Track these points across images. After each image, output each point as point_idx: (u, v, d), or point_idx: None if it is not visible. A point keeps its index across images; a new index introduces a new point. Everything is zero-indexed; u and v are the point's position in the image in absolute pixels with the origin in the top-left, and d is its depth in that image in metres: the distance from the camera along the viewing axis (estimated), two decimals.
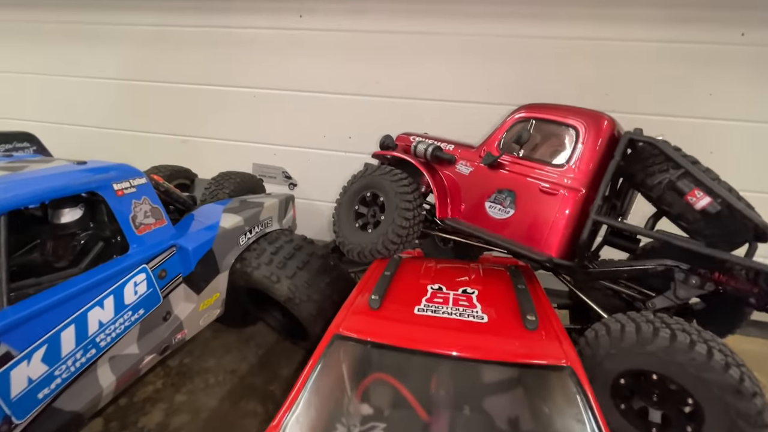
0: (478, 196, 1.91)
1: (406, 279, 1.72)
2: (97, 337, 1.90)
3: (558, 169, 1.70)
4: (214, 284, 2.55)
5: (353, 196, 2.28)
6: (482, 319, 1.39)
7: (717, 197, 1.43)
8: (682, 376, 1.24)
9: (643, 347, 1.27)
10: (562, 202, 1.65)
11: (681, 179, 1.51)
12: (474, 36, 3.54)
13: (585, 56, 3.38)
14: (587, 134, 1.68)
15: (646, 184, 1.67)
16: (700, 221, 1.50)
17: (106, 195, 2.04)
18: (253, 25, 3.92)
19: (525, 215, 1.75)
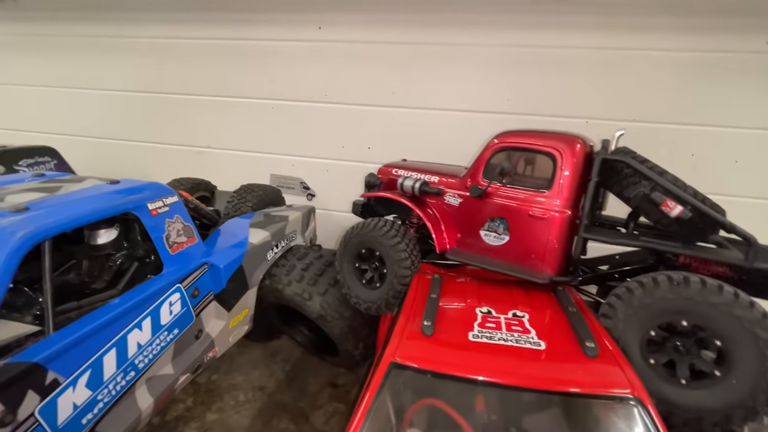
0: (472, 226, 1.99)
1: (452, 301, 1.70)
2: (136, 359, 1.90)
3: (542, 193, 1.82)
4: (244, 300, 2.54)
5: (351, 257, 2.29)
6: (539, 346, 1.37)
7: (687, 204, 1.59)
8: (713, 316, 1.34)
9: (678, 293, 1.38)
10: (551, 225, 1.77)
11: (653, 192, 1.65)
12: (493, 46, 3.53)
13: (609, 66, 3.36)
14: (564, 159, 1.78)
15: (623, 195, 1.82)
16: (675, 225, 1.68)
17: (141, 215, 2.04)
18: (272, 37, 3.93)
19: (519, 240, 1.85)
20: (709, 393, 1.33)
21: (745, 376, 1.29)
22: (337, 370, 2.87)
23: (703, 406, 1.33)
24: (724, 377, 1.33)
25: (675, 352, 1.43)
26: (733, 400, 1.29)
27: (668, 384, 1.40)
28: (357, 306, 2.26)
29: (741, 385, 1.29)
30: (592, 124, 3.51)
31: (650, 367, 1.45)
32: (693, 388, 1.38)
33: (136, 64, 4.45)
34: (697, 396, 1.35)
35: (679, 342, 1.43)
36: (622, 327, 1.49)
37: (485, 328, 1.49)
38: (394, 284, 2.02)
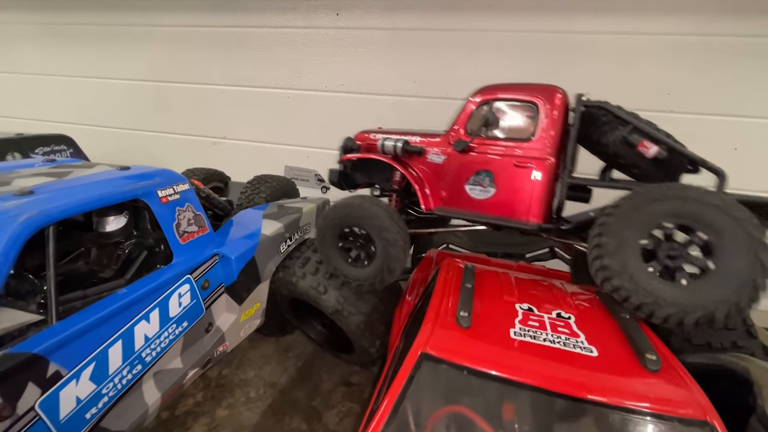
0: (457, 181, 1.97)
1: (488, 294, 1.53)
2: (143, 352, 1.81)
3: (526, 143, 1.83)
4: (256, 294, 2.44)
5: (332, 237, 2.18)
6: (591, 352, 1.21)
7: (662, 144, 1.67)
8: (711, 215, 1.38)
9: (684, 191, 1.45)
10: (536, 173, 1.79)
11: (631, 134, 1.72)
12: (517, 32, 3.34)
13: (643, 53, 3.13)
14: (545, 107, 1.83)
15: (601, 142, 1.86)
16: (651, 167, 1.75)
17: (151, 202, 1.95)
18: (288, 25, 3.82)
19: (506, 191, 1.85)
20: (695, 290, 1.38)
21: (730, 273, 1.33)
22: (350, 368, 2.75)
23: (689, 302, 1.36)
24: (712, 275, 1.37)
25: (668, 258, 1.46)
26: (718, 296, 1.32)
27: (673, 288, 1.42)
28: (346, 283, 2.13)
29: (727, 282, 1.33)
30: None
31: (645, 270, 1.46)
32: (693, 287, 1.41)
33: (153, 53, 4.41)
34: (686, 292, 1.39)
35: (670, 247, 1.47)
36: (626, 223, 1.51)
37: (528, 326, 1.32)
38: (389, 263, 1.89)
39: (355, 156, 2.42)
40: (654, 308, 1.38)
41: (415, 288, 2.38)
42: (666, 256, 1.46)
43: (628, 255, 1.45)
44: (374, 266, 2.04)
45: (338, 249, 2.16)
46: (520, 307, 1.44)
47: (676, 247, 1.46)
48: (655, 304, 1.38)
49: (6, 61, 5.05)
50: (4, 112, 5.27)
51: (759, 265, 1.29)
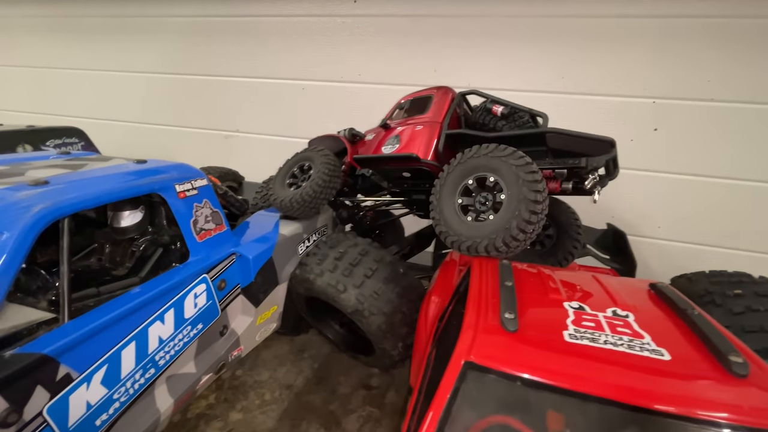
0: (377, 145, 2.61)
1: (531, 293, 1.39)
2: (157, 354, 1.72)
3: (423, 116, 2.48)
4: (273, 296, 2.34)
5: (292, 165, 2.71)
6: (662, 356, 1.06)
7: (506, 105, 2.35)
8: (493, 165, 1.89)
9: (475, 152, 2.00)
10: (426, 129, 2.38)
11: (488, 103, 2.41)
12: (543, 17, 3.17)
13: (680, 37, 2.94)
14: (437, 96, 2.51)
15: (478, 120, 2.47)
16: (506, 125, 2.37)
17: (168, 197, 1.85)
18: (304, 13, 3.70)
19: (405, 142, 2.43)
20: (485, 226, 1.82)
21: (508, 209, 1.75)
22: (369, 370, 2.65)
23: (479, 234, 1.80)
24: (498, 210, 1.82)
25: (479, 203, 1.93)
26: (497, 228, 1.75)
27: (462, 223, 1.91)
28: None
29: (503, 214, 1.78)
30: (660, 104, 3.11)
31: (455, 215, 1.95)
32: (472, 225, 1.88)
33: (164, 44, 4.33)
34: (478, 228, 1.83)
35: (483, 195, 1.93)
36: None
37: (583, 327, 1.17)
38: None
39: (317, 137, 3.04)
40: (446, 235, 1.93)
41: (441, 288, 2.25)
42: (478, 201, 1.93)
43: (444, 194, 1.99)
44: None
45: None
46: (570, 306, 1.30)
47: (486, 196, 1.91)
48: (447, 232, 1.93)
49: (18, 54, 5.03)
50: (16, 106, 5.25)
51: (522, 198, 1.69)
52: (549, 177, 2.15)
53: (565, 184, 2.14)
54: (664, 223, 3.35)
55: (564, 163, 2.07)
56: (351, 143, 2.79)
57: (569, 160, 2.04)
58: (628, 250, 2.68)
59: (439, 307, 2.16)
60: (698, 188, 3.17)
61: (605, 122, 3.21)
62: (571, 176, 2.13)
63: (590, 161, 1.97)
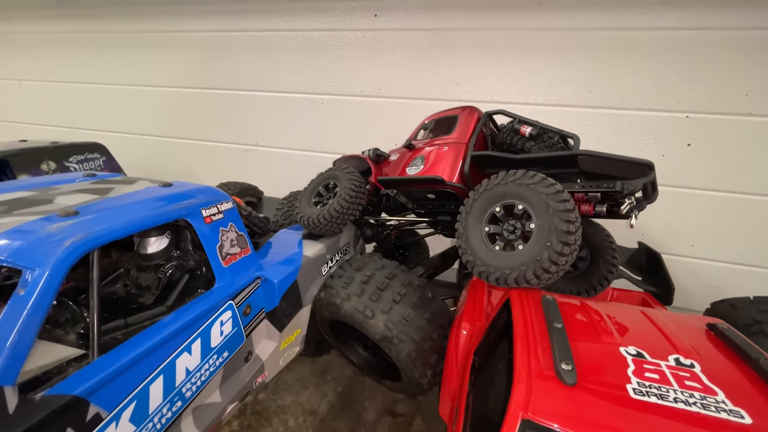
0: (401, 165, 2.55)
1: (582, 335, 1.30)
2: (184, 387, 1.67)
3: (448, 136, 2.42)
4: (297, 320, 2.28)
5: (318, 183, 2.70)
6: (742, 418, 0.97)
7: (534, 126, 2.26)
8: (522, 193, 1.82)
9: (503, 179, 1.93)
10: (452, 150, 2.32)
11: (516, 124, 2.31)
12: (572, 30, 3.09)
13: (717, 49, 2.83)
14: (463, 115, 2.46)
15: (505, 142, 2.38)
16: (534, 146, 2.27)
17: (194, 222, 1.81)
18: (324, 27, 3.68)
19: (430, 164, 2.37)
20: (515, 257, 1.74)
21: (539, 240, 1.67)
22: (394, 395, 2.57)
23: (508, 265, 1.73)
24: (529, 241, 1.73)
25: (507, 232, 1.84)
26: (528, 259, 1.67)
27: (490, 252, 1.84)
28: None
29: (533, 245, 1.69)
30: (694, 119, 3.00)
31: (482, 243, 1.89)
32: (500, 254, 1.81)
33: (184, 59, 4.35)
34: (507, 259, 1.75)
35: (511, 223, 1.85)
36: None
37: (646, 379, 1.08)
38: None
39: (343, 157, 2.98)
40: (472, 264, 1.87)
41: (471, 313, 2.17)
42: (506, 230, 1.84)
43: (470, 221, 1.93)
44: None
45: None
46: (627, 353, 1.21)
47: (514, 225, 1.82)
48: (473, 262, 1.86)
49: (41, 69, 5.11)
50: (38, 120, 5.33)
51: (554, 229, 1.61)
52: (581, 200, 2.05)
53: (598, 207, 2.03)
54: (697, 241, 3.21)
55: (597, 186, 1.96)
56: (375, 163, 2.76)
57: (603, 184, 1.94)
58: (665, 273, 2.57)
59: (471, 335, 2.08)
60: (735, 205, 3.03)
61: (635, 137, 3.11)
62: (605, 199, 2.02)
63: (626, 185, 1.85)
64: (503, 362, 1.37)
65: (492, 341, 1.61)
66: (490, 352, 1.57)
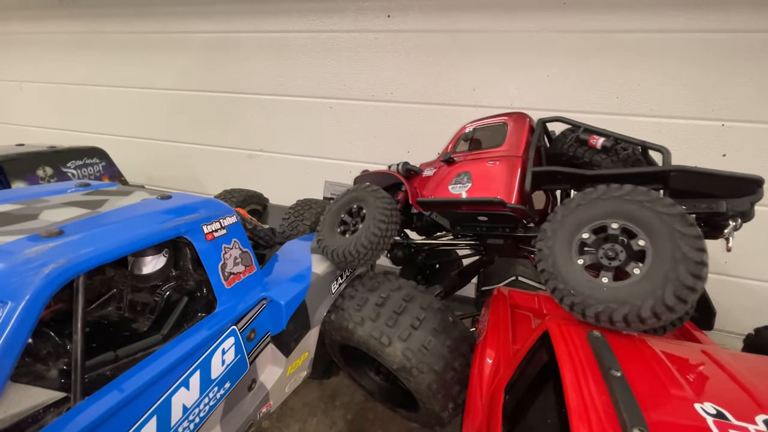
0: (442, 184, 2.26)
1: (647, 386, 1.10)
2: (180, 426, 1.49)
3: (498, 148, 2.12)
4: (304, 343, 2.10)
5: (341, 207, 2.41)
6: None
7: (608, 136, 1.94)
8: (634, 212, 1.48)
9: (607, 192, 1.57)
10: (506, 165, 2.04)
11: (583, 133, 2.01)
12: (603, 33, 2.90)
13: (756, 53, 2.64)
14: (513, 123, 2.15)
15: (564, 150, 2.11)
16: (607, 159, 1.98)
17: (195, 240, 1.64)
18: (334, 29, 3.52)
19: (480, 182, 2.09)
20: (626, 288, 1.41)
21: (659, 270, 1.36)
22: (409, 424, 2.37)
23: (616, 299, 1.40)
24: (641, 271, 1.41)
25: (605, 257, 1.51)
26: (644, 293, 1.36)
27: (589, 282, 1.48)
28: (320, 247, 2.25)
29: (651, 277, 1.37)
30: (730, 127, 2.80)
31: (578, 270, 1.53)
32: (608, 286, 1.45)
33: (188, 61, 4.20)
34: (615, 291, 1.42)
35: (609, 246, 1.52)
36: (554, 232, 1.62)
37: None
38: (360, 238, 2.10)
39: (367, 174, 2.68)
40: (563, 294, 1.50)
41: (496, 339, 1.97)
42: (604, 255, 1.52)
43: (559, 243, 1.58)
44: (351, 237, 2.18)
45: (338, 219, 2.34)
46: (705, 412, 1.01)
47: (616, 248, 1.51)
48: (565, 291, 1.50)
49: (41, 70, 4.99)
50: (39, 123, 5.20)
51: (681, 257, 1.33)
52: None
53: None
54: (731, 257, 3.00)
55: (693, 207, 1.68)
56: (406, 179, 2.41)
57: (703, 204, 1.65)
58: (704, 295, 2.36)
59: (496, 364, 1.88)
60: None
61: (666, 146, 2.91)
62: (699, 220, 1.73)
63: (732, 204, 1.60)
64: (550, 412, 1.18)
65: (530, 382, 1.42)
66: (528, 396, 1.37)
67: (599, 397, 1.06)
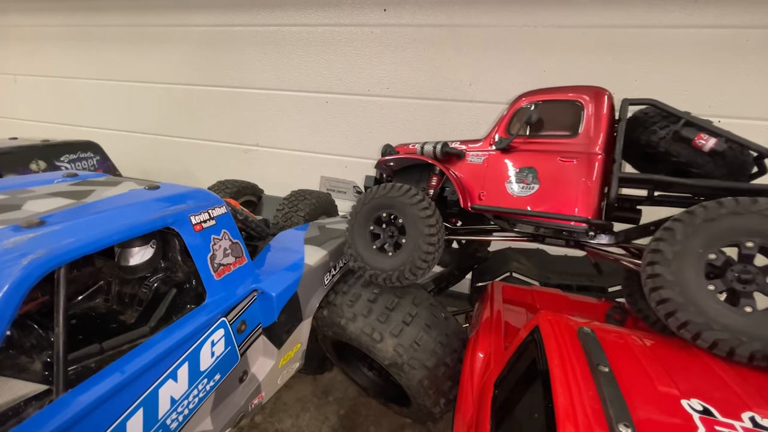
0: (498, 180, 1.90)
1: (634, 382, 1.09)
2: (168, 418, 1.47)
3: (571, 139, 1.73)
4: (296, 335, 2.08)
5: (367, 217, 2.06)
6: None
7: (720, 136, 1.53)
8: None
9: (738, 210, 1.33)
10: (584, 166, 1.68)
11: (684, 128, 1.59)
12: (605, 28, 2.88)
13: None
14: (591, 104, 1.73)
15: (651, 142, 1.72)
16: (710, 163, 1.61)
17: (183, 231, 1.62)
18: (330, 22, 3.49)
19: (551, 186, 1.75)
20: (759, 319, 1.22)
21: None
22: (402, 419, 2.37)
23: (748, 332, 1.20)
24: None
25: (737, 281, 1.31)
26: None
27: (733, 313, 1.27)
28: (360, 271, 1.98)
29: None
30: (726, 125, 2.77)
31: (713, 298, 1.30)
32: (759, 316, 1.24)
33: (184, 55, 4.16)
34: (748, 321, 1.24)
35: (739, 269, 1.32)
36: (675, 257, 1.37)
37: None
38: (414, 260, 1.81)
39: (395, 157, 2.24)
40: (702, 329, 1.26)
41: (487, 336, 1.96)
42: (736, 278, 1.31)
43: (687, 266, 1.34)
44: (399, 258, 1.90)
45: (368, 232, 2.05)
46: (692, 408, 1.00)
47: (750, 269, 1.31)
48: (704, 326, 1.26)
49: (35, 63, 4.95)
50: (33, 116, 5.16)
51: None
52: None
53: None
54: None
55: None
56: (445, 165, 2.05)
57: None
58: None
59: (487, 359, 1.88)
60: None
61: None
62: None
63: None
64: (537, 408, 1.16)
65: (519, 377, 1.40)
66: (517, 391, 1.36)
67: (586, 393, 1.05)
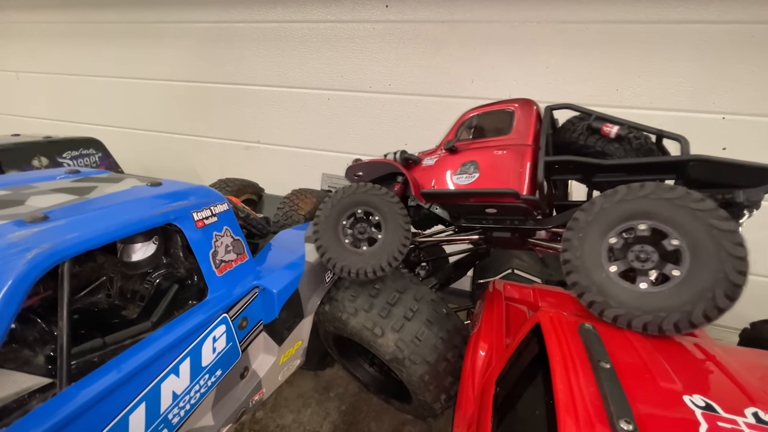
0: (446, 174, 2.16)
1: (636, 378, 1.09)
2: (170, 413, 1.48)
3: (505, 136, 2.03)
4: (297, 331, 2.09)
5: (341, 213, 2.18)
6: None
7: (622, 124, 1.85)
8: (672, 212, 1.41)
9: (647, 190, 1.47)
10: (516, 154, 1.96)
11: (594, 121, 1.91)
12: (611, 24, 2.86)
13: None
14: (520, 110, 2.04)
15: (573, 138, 2.02)
16: (620, 149, 1.91)
17: (185, 227, 1.62)
18: (331, 19, 3.47)
19: (490, 173, 2.01)
20: (669, 294, 1.35)
21: (703, 271, 1.31)
22: (403, 416, 2.37)
23: (663, 306, 1.34)
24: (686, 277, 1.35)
25: (636, 260, 1.45)
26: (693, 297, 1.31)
27: (629, 291, 1.42)
28: (330, 265, 2.04)
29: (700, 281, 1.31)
30: (731, 120, 2.76)
31: (612, 279, 1.47)
32: (649, 292, 1.39)
33: (185, 51, 4.16)
34: (658, 298, 1.37)
35: (637, 249, 1.46)
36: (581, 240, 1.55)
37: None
38: (393, 252, 1.97)
39: (362, 164, 2.45)
40: (604, 307, 1.43)
41: (489, 333, 1.96)
42: (635, 258, 1.45)
43: (589, 251, 1.51)
44: (376, 252, 2.03)
45: (340, 227, 2.15)
46: (694, 404, 1.00)
47: (646, 249, 1.44)
48: (605, 304, 1.42)
49: (36, 60, 4.95)
50: (34, 113, 5.17)
51: (726, 256, 1.26)
52: None
53: None
54: None
55: (710, 196, 1.59)
56: (405, 168, 2.26)
57: (718, 194, 1.62)
58: None
59: (489, 356, 1.88)
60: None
61: (665, 140, 2.88)
62: None
63: (749, 194, 1.56)
64: (538, 404, 1.17)
65: (521, 374, 1.41)
66: (518, 388, 1.36)
67: (587, 389, 1.05)
